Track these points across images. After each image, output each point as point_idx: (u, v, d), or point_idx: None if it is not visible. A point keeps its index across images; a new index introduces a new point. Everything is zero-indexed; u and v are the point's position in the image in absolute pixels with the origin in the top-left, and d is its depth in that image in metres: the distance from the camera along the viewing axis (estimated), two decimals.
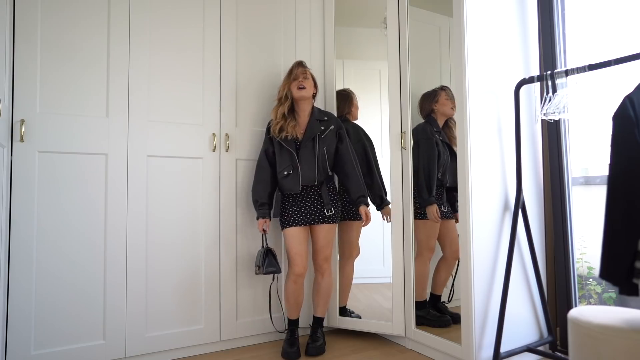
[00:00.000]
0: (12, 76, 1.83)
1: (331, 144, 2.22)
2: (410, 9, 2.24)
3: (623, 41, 1.98)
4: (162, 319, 2.10)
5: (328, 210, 2.18)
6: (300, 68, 2.22)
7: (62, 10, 1.94)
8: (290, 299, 2.21)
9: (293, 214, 2.18)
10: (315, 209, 2.18)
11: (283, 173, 2.17)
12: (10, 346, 1.77)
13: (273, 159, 2.23)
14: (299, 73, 2.20)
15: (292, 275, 2.18)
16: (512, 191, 2.02)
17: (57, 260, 1.89)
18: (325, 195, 2.19)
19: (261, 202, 2.18)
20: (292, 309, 2.23)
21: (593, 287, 2.21)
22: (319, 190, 2.21)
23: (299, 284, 2.20)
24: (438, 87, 2.36)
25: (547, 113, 1.90)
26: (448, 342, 1.99)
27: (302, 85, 2.18)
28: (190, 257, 2.18)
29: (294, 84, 2.19)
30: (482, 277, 1.90)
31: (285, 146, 2.17)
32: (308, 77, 2.22)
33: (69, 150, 1.93)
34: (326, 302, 2.27)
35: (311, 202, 2.19)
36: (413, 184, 2.24)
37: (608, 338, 1.30)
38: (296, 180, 2.16)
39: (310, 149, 2.17)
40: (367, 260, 2.54)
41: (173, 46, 2.19)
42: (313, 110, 2.25)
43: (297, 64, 2.25)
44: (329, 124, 2.22)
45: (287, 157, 2.17)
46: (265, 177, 2.21)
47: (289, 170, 2.16)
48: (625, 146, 1.30)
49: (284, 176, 2.17)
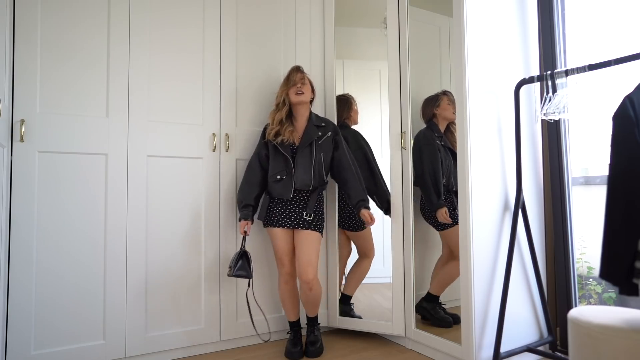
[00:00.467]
0: (12, 76, 1.83)
1: (328, 151, 2.21)
2: (410, 9, 2.24)
3: (623, 41, 1.98)
4: (162, 318, 2.10)
5: (307, 215, 2.14)
6: (299, 74, 2.22)
7: (62, 10, 1.94)
8: (286, 301, 2.21)
9: (277, 215, 2.16)
10: (297, 213, 2.15)
11: (276, 177, 2.15)
12: (10, 346, 1.77)
13: (266, 162, 2.21)
14: (297, 79, 2.20)
15: (282, 276, 2.19)
16: (512, 191, 2.02)
17: (57, 260, 1.89)
18: (312, 200, 2.16)
19: (246, 203, 2.15)
20: (290, 310, 2.23)
21: (593, 287, 2.21)
22: (308, 195, 2.19)
23: (291, 285, 2.20)
24: (440, 91, 2.36)
25: (547, 113, 1.90)
26: (448, 342, 1.99)
27: (301, 90, 2.17)
28: (191, 257, 2.18)
29: (292, 89, 2.18)
30: (482, 277, 1.90)
31: (280, 150, 2.15)
32: (306, 82, 2.22)
33: (69, 150, 1.93)
34: (316, 306, 2.23)
35: (296, 206, 2.17)
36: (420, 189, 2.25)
37: (608, 338, 1.30)
38: (289, 186, 2.14)
39: (307, 154, 2.16)
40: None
41: (173, 46, 2.19)
42: (310, 115, 2.25)
43: (294, 70, 2.24)
44: (326, 130, 2.22)
45: (282, 161, 2.16)
46: (254, 179, 2.19)
47: (283, 175, 2.15)
48: (625, 146, 1.30)
49: (276, 180, 2.15)
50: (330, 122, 2.29)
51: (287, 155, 2.15)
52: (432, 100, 2.37)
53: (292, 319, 2.24)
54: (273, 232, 2.18)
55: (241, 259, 2.09)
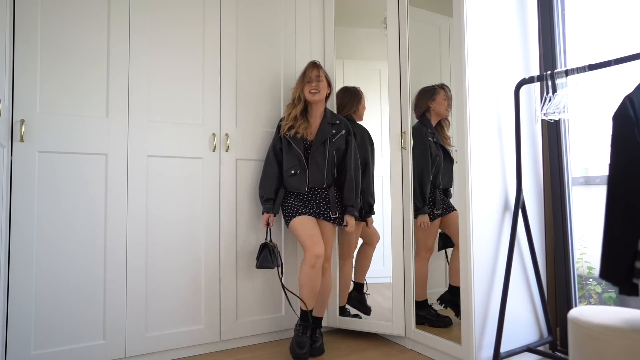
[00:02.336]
0: (12, 76, 1.82)
1: (340, 148, 2.24)
2: (410, 9, 2.24)
3: (623, 41, 1.98)
4: (162, 319, 2.10)
5: (333, 213, 2.21)
6: (315, 70, 2.22)
7: (62, 10, 1.94)
8: (306, 285, 2.09)
9: (297, 207, 2.20)
10: (321, 208, 2.21)
11: (290, 172, 2.20)
12: (10, 346, 1.77)
13: (280, 155, 2.25)
14: (313, 76, 2.21)
15: (310, 258, 2.08)
16: (512, 191, 2.02)
17: (57, 260, 1.89)
18: (333, 198, 2.21)
19: (267, 197, 2.21)
20: (309, 296, 2.10)
21: (593, 287, 2.21)
22: (326, 192, 2.23)
23: (317, 269, 2.09)
24: (438, 84, 2.36)
25: (547, 113, 1.90)
26: (448, 342, 1.99)
27: (316, 89, 2.19)
28: (190, 257, 2.18)
29: (307, 87, 2.20)
30: (482, 277, 1.90)
31: (294, 145, 2.19)
32: (322, 79, 2.23)
33: (69, 150, 1.93)
34: (325, 301, 2.27)
35: (318, 201, 2.21)
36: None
37: (608, 338, 1.30)
38: (303, 180, 2.18)
39: (322, 152, 2.19)
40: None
41: (173, 46, 2.19)
42: (325, 112, 2.27)
43: (311, 66, 2.25)
44: (340, 128, 2.24)
45: (295, 157, 2.20)
46: (272, 173, 2.24)
47: (296, 170, 2.19)
48: (625, 146, 1.30)
49: (290, 175, 2.20)
50: (343, 120, 2.31)
51: (300, 151, 2.18)
52: (428, 92, 2.36)
53: (309, 306, 2.12)
54: (297, 221, 2.16)
55: (263, 251, 2.16)
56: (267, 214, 2.21)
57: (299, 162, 2.19)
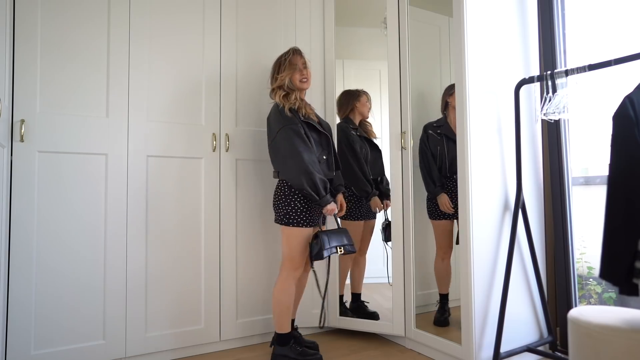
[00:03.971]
0: (12, 76, 1.82)
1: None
2: (410, 9, 2.24)
3: (623, 41, 1.98)
4: (162, 319, 2.10)
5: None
6: (301, 58, 2.12)
7: (62, 11, 1.94)
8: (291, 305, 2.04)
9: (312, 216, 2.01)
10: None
11: (322, 157, 2.03)
12: (10, 346, 1.77)
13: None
14: (301, 64, 2.11)
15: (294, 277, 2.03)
16: (512, 191, 2.02)
17: (57, 260, 1.89)
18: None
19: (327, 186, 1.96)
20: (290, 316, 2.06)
21: (593, 287, 2.21)
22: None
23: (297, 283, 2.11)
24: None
25: (547, 113, 1.91)
26: (448, 342, 1.99)
27: (305, 77, 2.10)
28: (190, 257, 2.18)
29: (297, 75, 2.09)
30: (482, 277, 1.90)
31: (323, 131, 2.05)
32: (308, 67, 2.14)
33: (69, 150, 1.93)
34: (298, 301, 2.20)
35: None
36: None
37: (608, 338, 1.30)
38: (331, 164, 2.08)
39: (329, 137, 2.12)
40: (368, 260, 2.54)
41: (173, 46, 2.19)
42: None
43: (295, 52, 2.12)
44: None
45: (325, 141, 2.07)
46: (315, 158, 1.97)
47: (325, 154, 2.05)
48: (625, 146, 1.30)
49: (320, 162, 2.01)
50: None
51: (329, 136, 2.09)
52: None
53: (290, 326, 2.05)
54: (305, 232, 1.99)
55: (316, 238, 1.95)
56: (333, 204, 1.97)
57: (327, 147, 2.07)
